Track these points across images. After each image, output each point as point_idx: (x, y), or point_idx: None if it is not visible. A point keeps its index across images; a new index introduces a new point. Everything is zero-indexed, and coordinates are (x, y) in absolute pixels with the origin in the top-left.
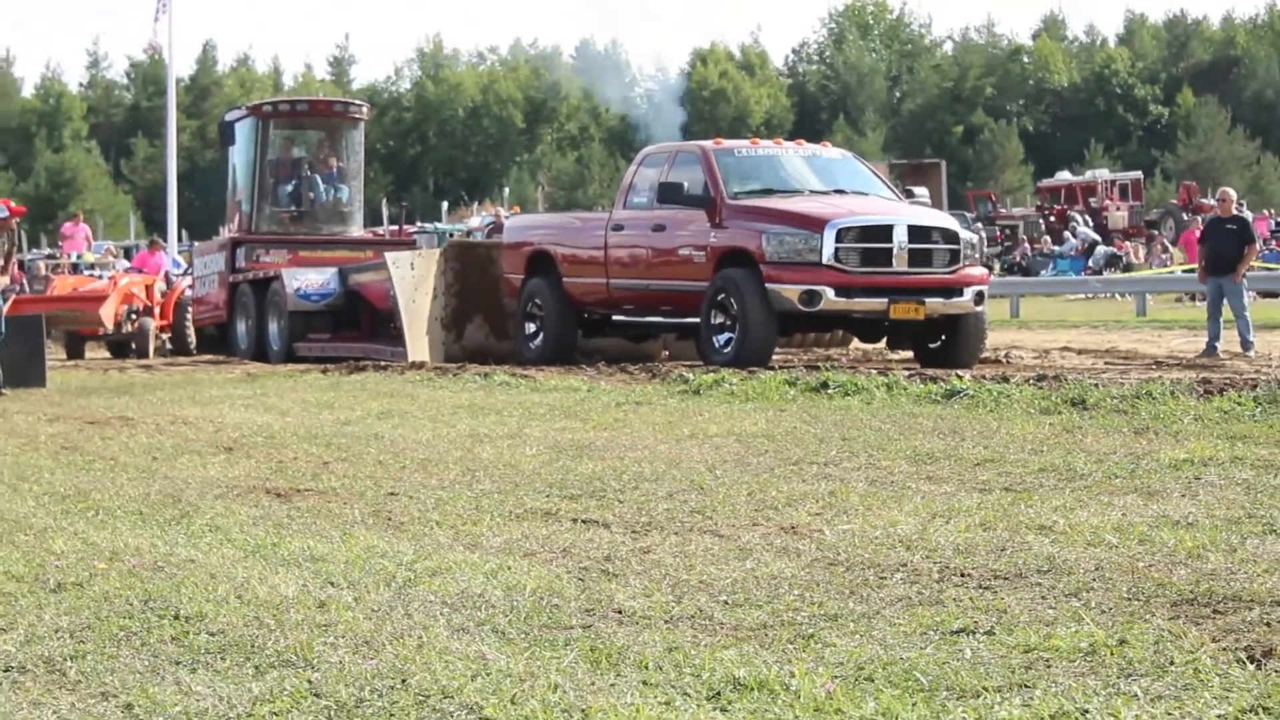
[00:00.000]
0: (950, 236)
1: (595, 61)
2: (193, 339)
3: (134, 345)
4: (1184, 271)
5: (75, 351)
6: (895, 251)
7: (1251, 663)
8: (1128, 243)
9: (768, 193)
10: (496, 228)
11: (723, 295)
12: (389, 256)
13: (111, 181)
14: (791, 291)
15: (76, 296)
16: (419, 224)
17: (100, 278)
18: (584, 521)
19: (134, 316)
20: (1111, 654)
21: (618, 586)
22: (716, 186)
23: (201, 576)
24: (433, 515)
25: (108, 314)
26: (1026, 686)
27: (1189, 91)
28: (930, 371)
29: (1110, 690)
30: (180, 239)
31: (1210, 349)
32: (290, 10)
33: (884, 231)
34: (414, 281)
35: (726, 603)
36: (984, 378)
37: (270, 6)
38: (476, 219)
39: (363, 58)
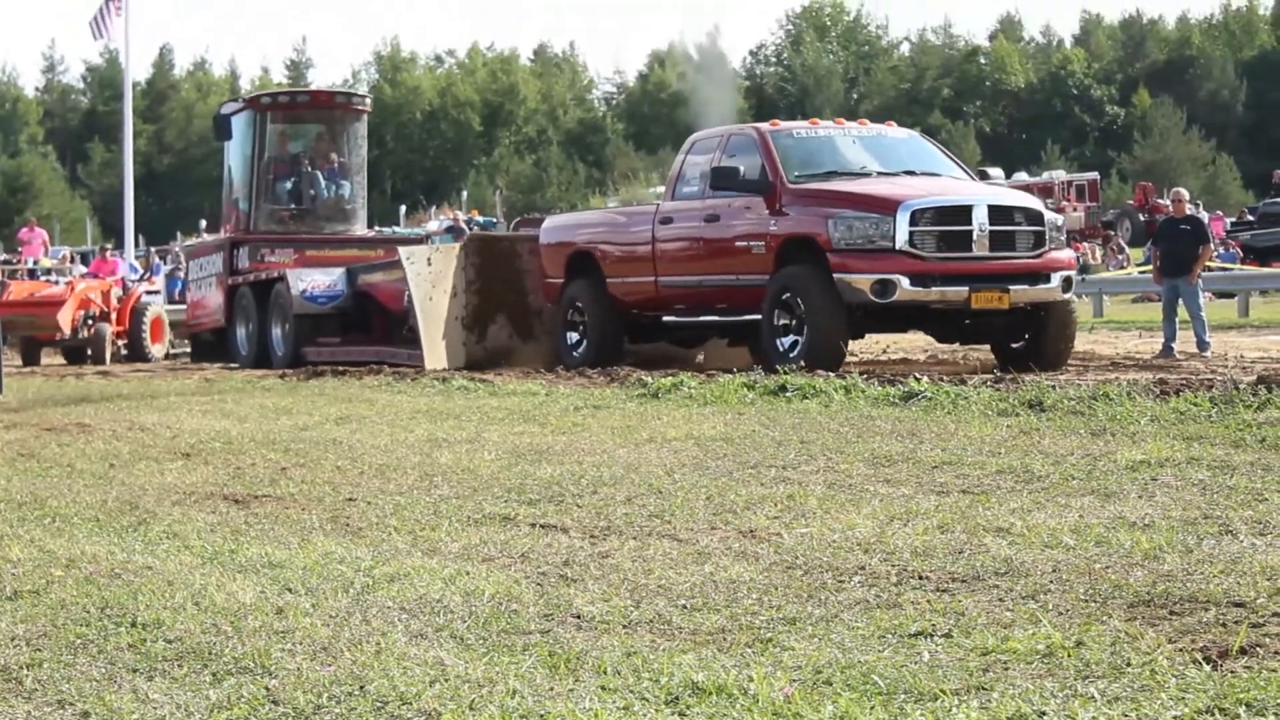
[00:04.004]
0: (1034, 217)
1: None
2: (149, 345)
3: (89, 351)
4: (1140, 272)
5: (31, 357)
6: (975, 235)
7: (1208, 663)
8: (1084, 244)
9: (831, 175)
10: (516, 225)
11: (787, 291)
12: (403, 251)
13: (68, 186)
14: (862, 282)
15: (34, 301)
16: (376, 228)
17: (57, 283)
18: (542, 526)
19: (90, 322)
20: (1069, 656)
21: (576, 591)
22: (775, 170)
23: (159, 583)
24: (391, 521)
25: (65, 319)
26: (984, 689)
27: (1145, 92)
28: (890, 374)
29: (1068, 692)
30: (137, 244)
31: (1166, 350)
32: (247, 13)
33: (962, 213)
34: (431, 278)
35: (685, 607)
36: (941, 379)
37: (227, 10)
38: (434, 223)
39: (320, 61)
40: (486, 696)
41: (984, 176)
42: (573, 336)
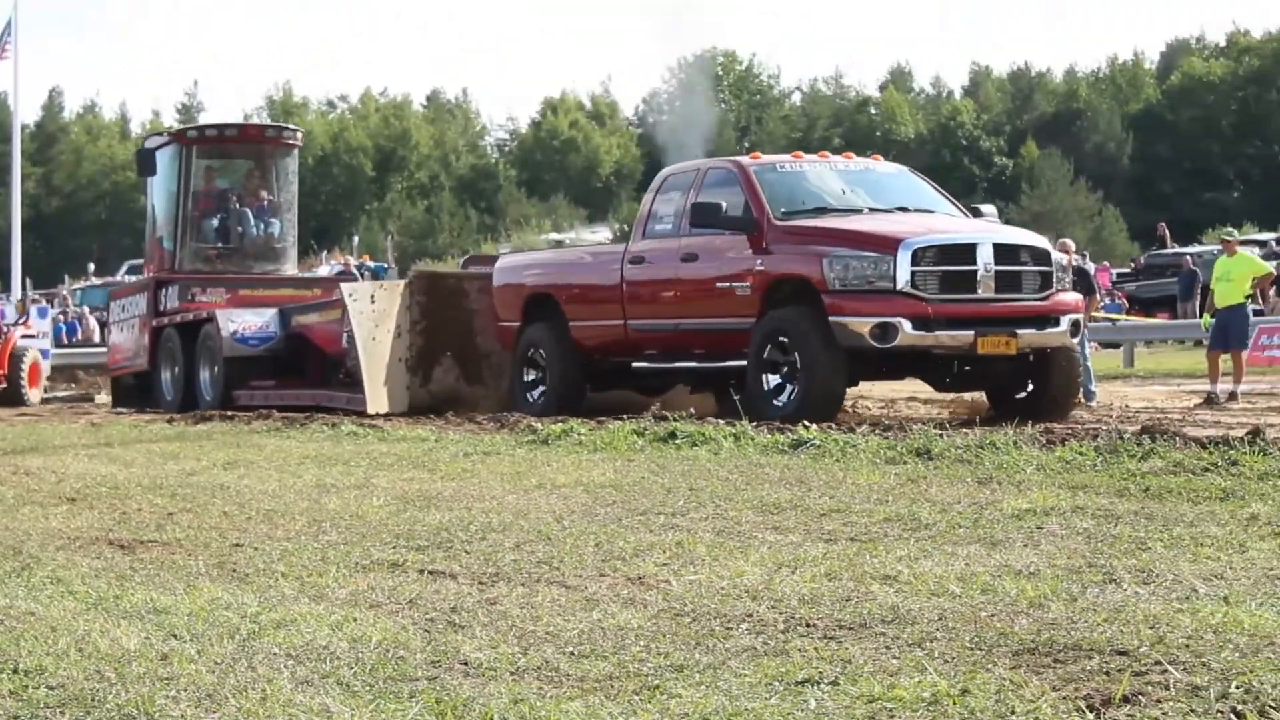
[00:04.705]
0: (1040, 256)
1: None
2: (27, 389)
3: None
4: None
5: None
6: (980, 275)
7: (1091, 711)
8: None
9: (821, 212)
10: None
11: (777, 335)
12: (345, 289)
13: None
14: (861, 325)
15: None
16: None
17: None
18: (430, 573)
19: None
20: (954, 703)
21: (464, 638)
22: (760, 206)
23: (42, 629)
24: (278, 567)
25: None
26: None
27: (1033, 143)
28: (778, 423)
29: None
30: (24, 287)
31: None
32: (138, 56)
33: (966, 252)
34: (374, 318)
35: (573, 654)
36: (831, 427)
37: (118, 53)
38: (325, 268)
39: (211, 105)
40: None
41: (976, 214)
42: (531, 383)
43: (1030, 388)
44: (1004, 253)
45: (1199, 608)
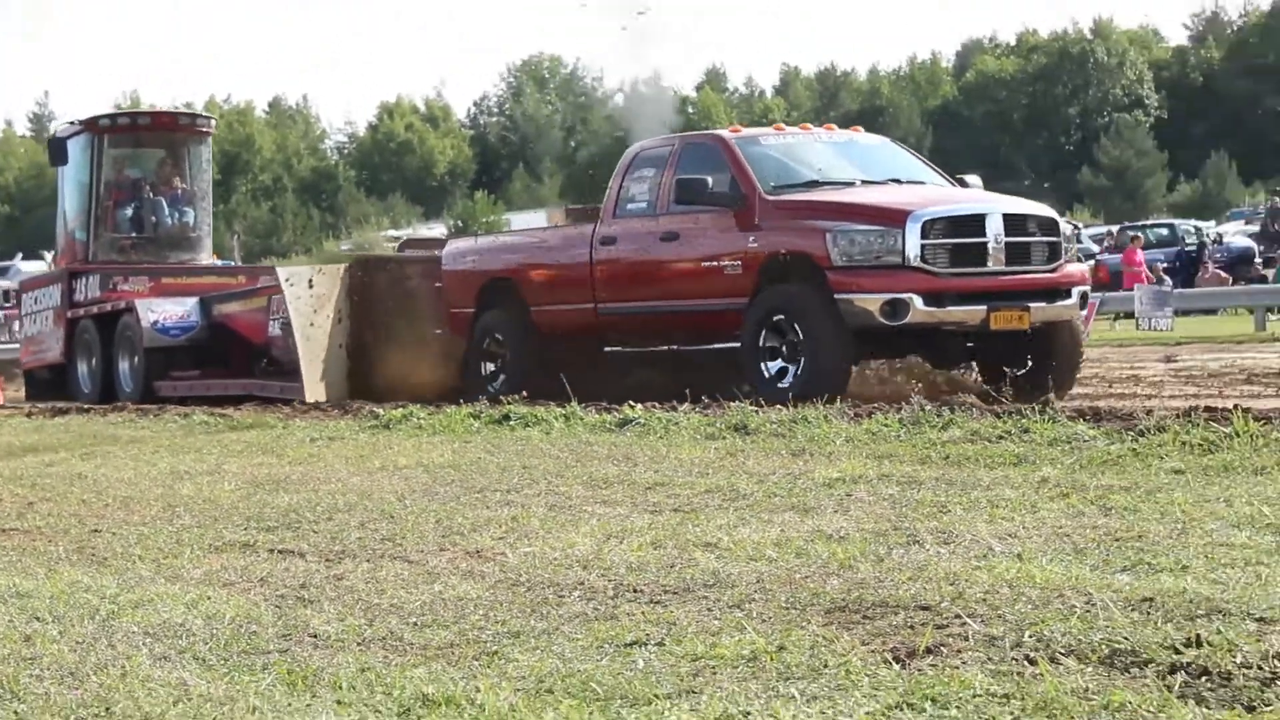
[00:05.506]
0: (1048, 226)
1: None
2: None
3: None
4: None
5: None
6: (991, 247)
7: (897, 663)
8: None
9: (814, 185)
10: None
11: (777, 314)
12: (282, 273)
13: None
14: (870, 302)
15: None
16: None
17: None
18: (280, 552)
19: None
20: (771, 659)
21: (313, 612)
22: (748, 181)
23: None
24: (135, 550)
25: None
26: (694, 693)
27: None
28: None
29: (770, 693)
30: None
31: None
32: None
33: (976, 223)
34: (313, 303)
35: (416, 624)
36: (654, 407)
37: None
38: None
39: (62, 113)
40: (228, 714)
41: (963, 184)
42: (490, 372)
43: (1034, 360)
44: (1013, 223)
45: (995, 565)
